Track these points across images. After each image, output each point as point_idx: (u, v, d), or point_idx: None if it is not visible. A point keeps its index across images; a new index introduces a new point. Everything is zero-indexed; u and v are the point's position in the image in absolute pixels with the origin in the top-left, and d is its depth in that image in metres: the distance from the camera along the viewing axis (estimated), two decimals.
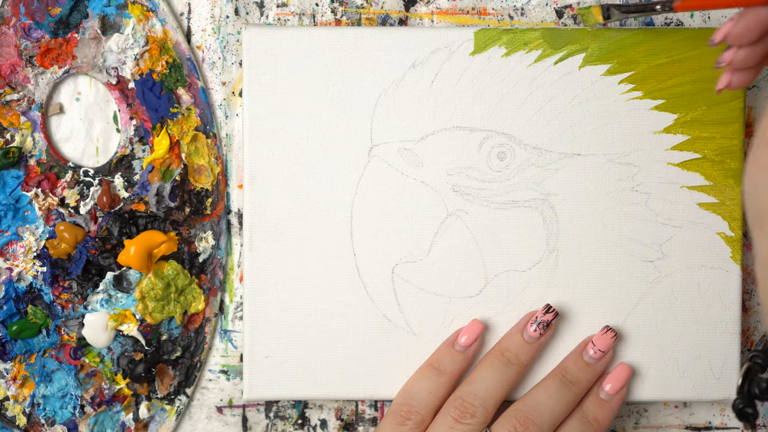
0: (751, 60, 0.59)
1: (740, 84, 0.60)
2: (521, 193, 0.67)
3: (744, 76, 0.60)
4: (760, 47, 0.59)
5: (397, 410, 0.66)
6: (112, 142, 0.69)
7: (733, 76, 0.60)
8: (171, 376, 0.69)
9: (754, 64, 0.60)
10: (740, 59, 0.59)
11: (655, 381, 0.68)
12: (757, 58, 0.59)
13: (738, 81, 0.60)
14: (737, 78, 0.60)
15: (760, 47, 0.59)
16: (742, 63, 0.59)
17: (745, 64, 0.59)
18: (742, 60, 0.59)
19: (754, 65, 0.60)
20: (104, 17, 0.68)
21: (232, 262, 0.70)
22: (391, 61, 0.67)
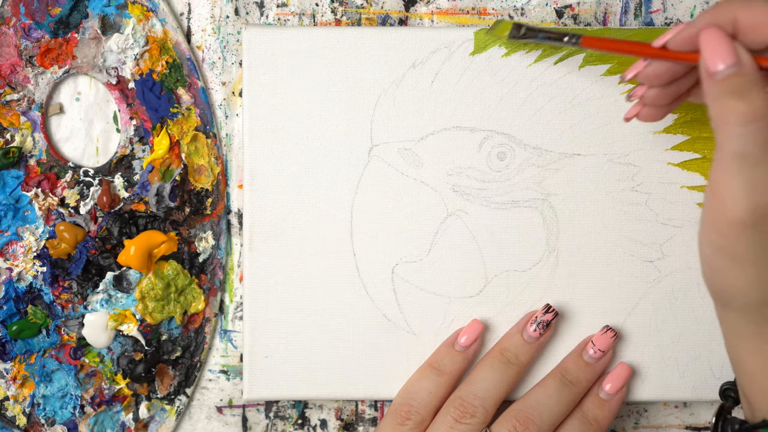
0: (661, 100, 0.58)
1: (650, 118, 0.60)
2: (521, 193, 0.67)
3: (655, 111, 0.60)
4: (672, 89, 0.58)
5: (397, 410, 0.66)
6: (112, 142, 0.69)
7: (643, 109, 0.60)
8: (171, 376, 0.69)
9: (665, 103, 0.59)
10: (651, 97, 0.59)
11: (655, 381, 0.68)
12: (668, 99, 0.59)
13: (647, 115, 0.60)
14: (648, 112, 0.60)
15: (672, 89, 0.58)
16: (652, 101, 0.59)
17: (655, 103, 0.59)
18: (653, 98, 0.59)
19: (665, 104, 0.59)
20: (104, 17, 0.68)
21: (232, 262, 0.70)
22: (391, 61, 0.67)
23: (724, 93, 0.50)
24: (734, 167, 0.50)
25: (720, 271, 0.53)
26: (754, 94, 0.50)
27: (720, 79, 0.50)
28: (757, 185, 0.50)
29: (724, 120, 0.50)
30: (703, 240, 0.53)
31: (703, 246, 0.53)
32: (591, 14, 0.69)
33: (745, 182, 0.50)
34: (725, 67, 0.50)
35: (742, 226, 0.50)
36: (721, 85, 0.50)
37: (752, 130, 0.50)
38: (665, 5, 0.69)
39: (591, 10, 0.69)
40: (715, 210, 0.51)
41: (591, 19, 0.69)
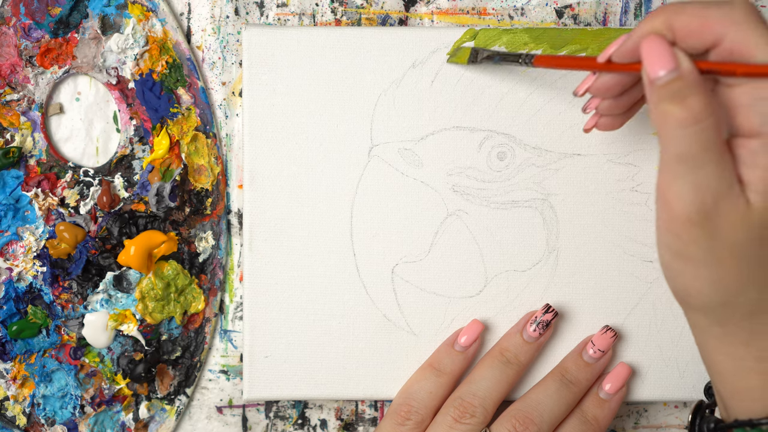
0: (615, 109, 0.59)
1: (608, 127, 0.60)
2: (521, 193, 0.67)
3: (612, 120, 0.60)
4: (625, 99, 0.58)
5: (396, 410, 0.66)
6: (112, 142, 0.69)
7: (600, 120, 0.60)
8: (171, 376, 0.69)
9: (620, 112, 0.59)
10: (605, 108, 0.59)
11: (655, 381, 0.68)
12: (623, 108, 0.59)
13: (605, 124, 0.60)
14: (605, 122, 0.60)
15: (625, 99, 0.58)
16: (607, 111, 0.59)
17: (610, 112, 0.59)
18: (607, 109, 0.59)
19: (620, 113, 0.59)
20: (104, 17, 0.68)
21: (232, 262, 0.70)
22: (391, 61, 0.67)
23: (663, 98, 0.50)
24: (678, 170, 0.51)
25: (677, 273, 0.53)
26: (693, 97, 0.50)
27: (660, 85, 0.50)
28: (700, 186, 0.50)
29: (664, 125, 0.50)
30: (659, 242, 0.53)
31: (659, 248, 0.54)
32: (591, 14, 0.69)
33: (689, 184, 0.50)
34: (665, 72, 0.50)
35: (690, 225, 0.51)
36: (660, 91, 0.50)
37: (692, 132, 0.50)
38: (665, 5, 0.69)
39: (591, 10, 0.69)
40: (664, 212, 0.52)
41: (591, 19, 0.69)
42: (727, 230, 0.51)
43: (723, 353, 0.55)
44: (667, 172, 0.51)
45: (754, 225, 0.51)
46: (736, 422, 0.55)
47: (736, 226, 0.51)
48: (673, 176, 0.51)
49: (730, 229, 0.51)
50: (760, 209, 0.51)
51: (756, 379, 0.54)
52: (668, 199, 0.51)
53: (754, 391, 0.54)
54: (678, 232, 0.52)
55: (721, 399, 0.56)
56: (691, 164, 0.50)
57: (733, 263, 0.52)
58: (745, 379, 0.54)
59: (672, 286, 0.54)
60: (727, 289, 0.52)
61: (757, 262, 0.52)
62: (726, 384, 0.55)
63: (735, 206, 0.51)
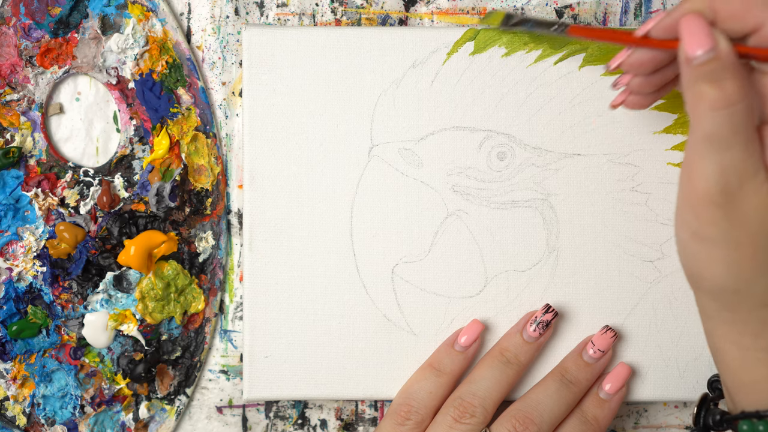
0: (646, 88, 0.59)
1: (636, 106, 0.60)
2: (521, 193, 0.67)
3: (641, 99, 0.60)
4: (657, 78, 0.58)
5: (396, 410, 0.66)
6: (112, 142, 0.69)
7: (629, 97, 0.60)
8: (171, 376, 0.69)
9: (650, 91, 0.59)
10: (636, 85, 0.59)
11: (655, 381, 0.68)
12: (653, 87, 0.59)
13: (634, 103, 0.60)
14: (634, 100, 0.60)
15: (657, 78, 0.58)
16: (637, 89, 0.59)
17: (641, 90, 0.59)
18: (638, 86, 0.59)
19: (650, 92, 0.59)
20: (104, 17, 0.68)
21: (232, 262, 0.70)
22: (391, 61, 0.67)
23: (698, 78, 0.51)
24: (705, 150, 0.51)
25: (693, 254, 0.53)
26: (728, 80, 0.50)
27: (697, 64, 0.50)
28: (727, 167, 0.51)
29: (697, 104, 0.51)
30: (678, 221, 0.53)
31: (678, 228, 0.54)
32: (591, 14, 0.69)
33: (715, 164, 0.51)
34: (703, 52, 0.50)
35: (712, 205, 0.51)
36: (696, 71, 0.51)
37: (724, 115, 0.50)
38: (665, 5, 0.69)
39: (591, 10, 0.69)
40: (688, 191, 0.52)
41: (591, 19, 0.69)
42: (748, 215, 0.51)
43: (731, 342, 0.54)
44: (694, 151, 0.51)
45: None
46: (743, 414, 0.55)
47: (757, 212, 0.51)
48: (700, 156, 0.51)
49: (751, 214, 0.51)
50: None
51: (763, 371, 0.54)
52: (692, 178, 0.51)
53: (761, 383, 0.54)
54: (698, 212, 0.52)
55: (728, 390, 0.56)
56: (720, 145, 0.50)
57: (750, 249, 0.52)
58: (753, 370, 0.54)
59: (686, 266, 0.54)
60: (741, 275, 0.52)
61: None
62: (733, 375, 0.55)
63: (758, 192, 0.51)
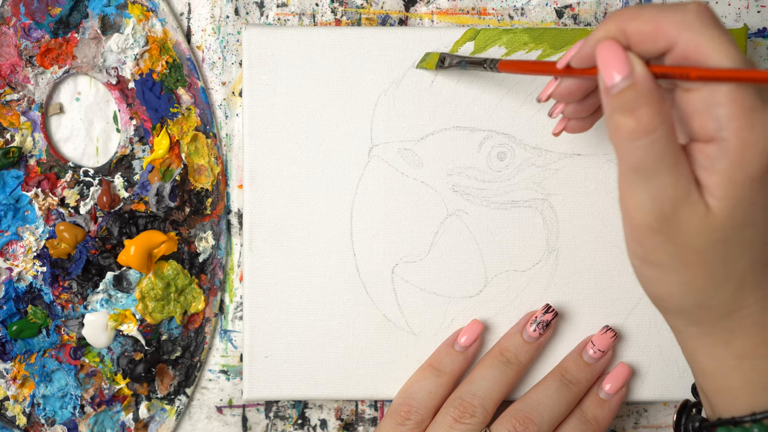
0: (581, 112, 0.59)
1: (577, 130, 0.60)
2: (521, 193, 0.67)
3: (580, 123, 0.60)
4: (590, 101, 0.58)
5: (396, 410, 0.66)
6: (112, 142, 0.69)
7: (569, 123, 0.60)
8: (171, 376, 0.69)
9: (587, 115, 0.59)
10: (571, 112, 0.59)
11: (655, 381, 0.68)
12: (589, 110, 0.59)
13: (574, 127, 0.60)
14: (573, 125, 0.60)
15: (590, 101, 0.58)
16: (573, 115, 0.59)
17: (577, 116, 0.59)
18: (574, 112, 0.59)
19: (587, 116, 0.59)
20: (104, 17, 0.68)
21: (232, 262, 0.70)
22: (391, 61, 0.67)
23: (614, 110, 0.50)
24: (634, 180, 0.50)
25: (648, 279, 0.53)
26: (644, 108, 0.49)
27: (614, 93, 0.50)
28: (657, 195, 0.50)
29: (617, 135, 0.50)
30: (628, 251, 0.54)
31: (630, 257, 0.54)
32: (591, 14, 0.69)
33: (646, 194, 0.50)
34: (620, 78, 0.50)
35: (651, 232, 0.51)
36: (613, 102, 0.50)
37: (644, 144, 0.49)
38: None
39: (591, 10, 0.69)
40: (627, 221, 0.52)
41: (591, 19, 0.69)
42: (690, 235, 0.51)
43: (703, 354, 0.55)
44: (624, 182, 0.51)
45: (716, 228, 0.50)
46: (720, 421, 0.55)
47: (698, 231, 0.51)
48: (629, 186, 0.51)
49: (692, 234, 0.51)
50: (719, 213, 0.50)
51: (737, 378, 0.54)
52: (628, 208, 0.51)
53: (736, 390, 0.54)
54: (641, 240, 0.52)
55: (706, 398, 0.56)
56: (646, 174, 0.50)
57: (701, 266, 0.51)
58: (727, 378, 0.54)
59: (646, 291, 0.55)
60: (698, 292, 0.52)
61: (725, 263, 0.52)
62: (709, 383, 0.55)
63: (694, 212, 0.50)
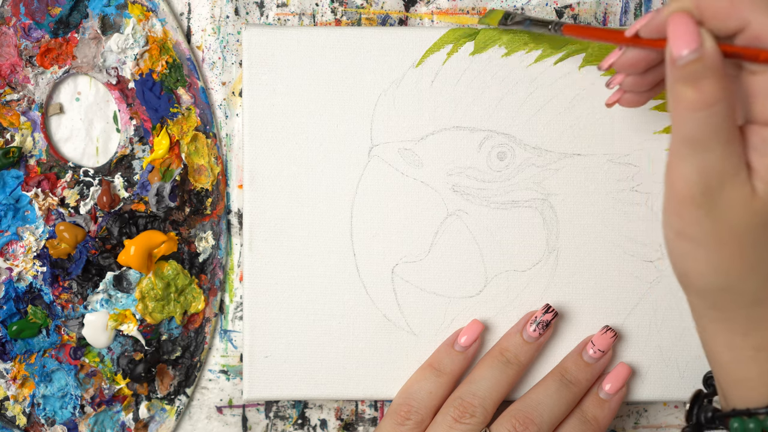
0: (640, 86, 0.59)
1: (631, 104, 0.60)
2: (521, 193, 0.67)
3: (636, 97, 0.60)
4: (650, 76, 0.58)
5: (396, 410, 0.66)
6: (112, 142, 0.69)
7: (624, 95, 0.60)
8: (171, 376, 0.69)
9: (644, 90, 0.59)
10: (629, 84, 0.59)
11: (655, 381, 0.68)
12: (647, 86, 0.59)
13: (629, 101, 0.60)
14: (629, 98, 0.60)
15: (650, 76, 0.58)
16: (631, 87, 0.59)
17: (634, 89, 0.59)
18: (631, 85, 0.59)
19: (644, 90, 0.59)
20: (104, 17, 0.68)
21: (232, 262, 0.70)
22: (391, 61, 0.67)
23: (678, 80, 0.50)
24: (685, 152, 0.51)
25: (679, 253, 0.53)
26: (708, 81, 0.50)
27: (680, 65, 0.50)
28: (706, 169, 0.50)
29: (676, 106, 0.51)
30: (664, 221, 0.53)
31: (664, 227, 0.54)
32: (591, 14, 0.69)
33: (695, 166, 0.51)
34: (688, 52, 0.50)
35: (693, 205, 0.51)
36: (678, 72, 0.50)
37: (702, 116, 0.50)
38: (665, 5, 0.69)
39: (591, 10, 0.69)
40: (670, 192, 0.52)
41: (591, 19, 0.69)
42: (731, 214, 0.51)
43: (721, 340, 0.55)
44: (675, 153, 0.51)
45: (758, 212, 0.51)
46: (734, 411, 0.55)
47: (740, 211, 0.51)
48: (680, 157, 0.51)
49: (734, 213, 0.51)
50: (765, 198, 0.51)
51: (754, 369, 0.54)
52: (674, 179, 0.51)
53: (752, 381, 0.54)
54: (681, 212, 0.52)
55: (720, 387, 0.56)
56: (698, 147, 0.50)
57: (735, 248, 0.52)
58: (743, 368, 0.54)
59: (674, 266, 0.54)
60: (727, 274, 0.52)
61: (760, 250, 0.52)
62: (724, 373, 0.55)
63: (740, 191, 0.51)
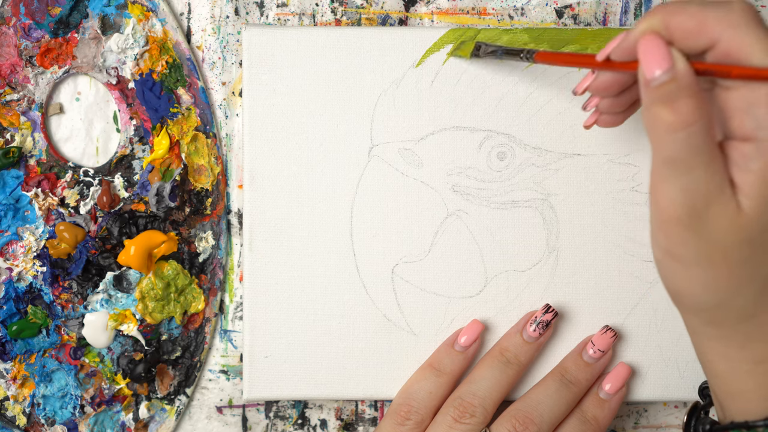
0: (616, 107, 0.58)
1: (609, 124, 0.60)
2: (521, 193, 0.67)
3: (613, 118, 0.59)
4: (625, 97, 0.58)
5: (396, 410, 0.66)
6: (112, 142, 0.69)
7: (601, 117, 0.60)
8: (171, 376, 0.69)
9: (620, 110, 0.59)
10: (605, 106, 0.59)
11: (655, 381, 0.68)
12: (623, 106, 0.58)
13: (606, 122, 0.60)
14: (605, 119, 0.60)
15: (625, 97, 0.58)
16: (607, 109, 0.59)
17: (611, 111, 0.59)
18: (608, 107, 0.58)
19: (620, 111, 0.59)
20: (104, 17, 0.68)
21: (232, 262, 0.70)
22: (391, 61, 0.67)
23: (654, 101, 0.50)
24: (667, 173, 0.50)
25: (670, 273, 0.53)
26: (684, 101, 0.49)
27: (654, 86, 0.50)
28: (690, 190, 0.50)
29: (654, 128, 0.50)
30: (652, 242, 0.53)
31: (653, 247, 0.53)
32: (591, 14, 0.69)
33: (678, 187, 0.50)
34: (661, 72, 0.49)
35: (680, 226, 0.51)
36: (652, 93, 0.50)
37: (681, 137, 0.49)
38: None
39: (591, 10, 0.69)
40: (656, 212, 0.52)
41: (591, 19, 0.69)
42: (718, 233, 0.51)
43: (718, 355, 0.54)
44: (657, 174, 0.51)
45: (745, 228, 0.50)
46: (732, 424, 0.55)
47: (727, 229, 0.50)
48: (662, 179, 0.51)
49: (721, 231, 0.50)
50: (750, 213, 0.50)
51: (752, 382, 0.54)
52: (658, 200, 0.51)
53: (749, 393, 0.54)
54: (668, 233, 0.51)
55: (718, 400, 0.56)
56: (680, 168, 0.50)
57: (725, 265, 0.51)
58: (741, 381, 0.54)
59: (666, 286, 0.54)
60: (719, 291, 0.52)
61: (750, 265, 0.52)
62: (722, 385, 0.55)
63: (725, 209, 0.50)
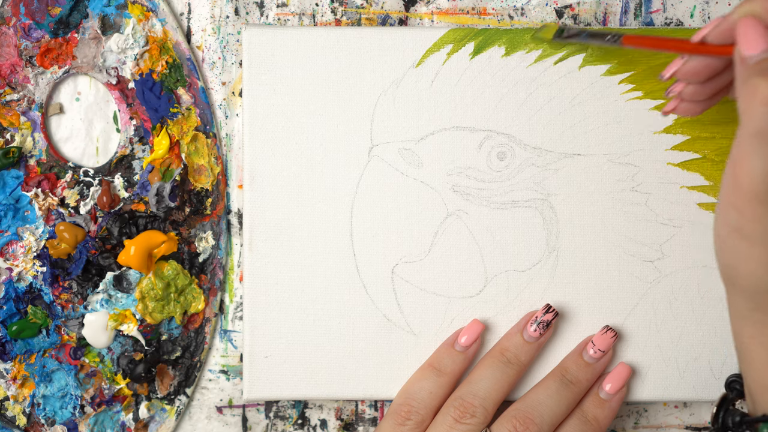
0: (699, 95, 0.59)
1: (688, 113, 0.60)
2: (521, 193, 0.67)
3: (694, 106, 0.60)
4: (710, 85, 0.58)
5: (397, 410, 0.66)
6: (112, 142, 0.69)
7: (681, 104, 0.60)
8: (171, 376, 0.69)
9: (703, 99, 0.59)
10: (689, 93, 0.59)
11: (655, 381, 0.68)
12: (706, 95, 0.59)
13: (686, 110, 0.60)
14: (686, 107, 0.60)
15: (710, 85, 0.58)
16: (690, 97, 0.59)
17: (694, 98, 0.59)
18: (691, 94, 0.59)
19: (703, 100, 0.59)
20: (104, 17, 0.68)
21: (232, 262, 0.70)
22: (391, 61, 0.67)
23: (752, 73, 0.51)
24: (755, 146, 0.51)
25: (731, 250, 0.53)
26: None
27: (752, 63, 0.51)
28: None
29: (750, 99, 0.51)
30: (718, 216, 0.53)
31: (718, 223, 0.53)
32: (591, 14, 0.69)
33: (764, 161, 0.51)
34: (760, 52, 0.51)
35: (756, 202, 0.51)
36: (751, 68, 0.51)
37: None
38: (665, 5, 0.69)
39: (591, 10, 0.69)
40: (732, 187, 0.52)
41: (591, 19, 0.69)
42: None
43: (759, 343, 0.54)
44: (742, 147, 0.51)
45: None
46: (764, 416, 0.54)
47: None
48: (748, 152, 0.51)
49: None
50: None
51: None
52: (738, 173, 0.51)
53: None
54: (742, 208, 0.52)
55: (749, 391, 0.56)
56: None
57: None
58: None
59: (723, 263, 0.54)
60: None
61: None
62: (757, 376, 0.55)
63: None
